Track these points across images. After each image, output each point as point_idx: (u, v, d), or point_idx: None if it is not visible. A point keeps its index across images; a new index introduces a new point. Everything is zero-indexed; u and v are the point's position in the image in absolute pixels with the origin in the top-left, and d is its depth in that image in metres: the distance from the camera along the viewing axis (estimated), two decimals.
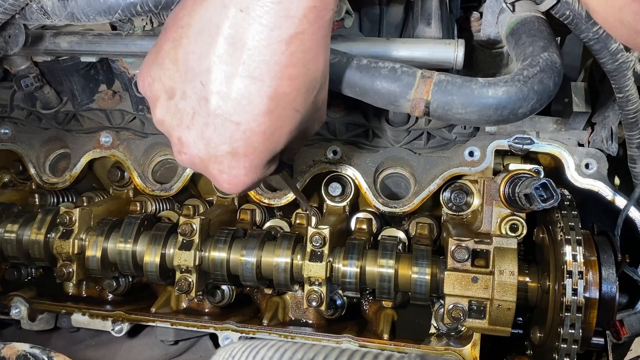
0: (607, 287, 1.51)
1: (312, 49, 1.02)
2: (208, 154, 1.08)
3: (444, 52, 1.45)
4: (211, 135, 1.05)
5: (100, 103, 1.87)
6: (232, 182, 1.13)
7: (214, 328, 1.77)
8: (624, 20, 1.14)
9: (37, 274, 2.15)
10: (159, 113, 1.11)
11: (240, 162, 1.08)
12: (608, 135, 1.68)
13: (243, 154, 1.07)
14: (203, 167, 1.13)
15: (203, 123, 1.05)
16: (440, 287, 1.58)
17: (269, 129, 1.05)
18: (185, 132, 1.08)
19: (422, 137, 1.74)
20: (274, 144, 1.08)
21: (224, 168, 1.09)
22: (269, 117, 1.03)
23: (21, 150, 2.03)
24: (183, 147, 1.10)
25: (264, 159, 1.10)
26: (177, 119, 1.08)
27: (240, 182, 1.13)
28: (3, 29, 1.48)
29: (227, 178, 1.12)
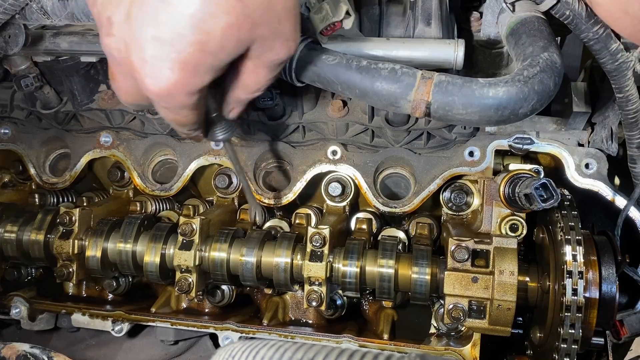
0: (607, 287, 1.51)
1: None
2: (132, 36, 0.95)
3: (444, 52, 1.45)
4: (137, 14, 0.93)
5: (100, 103, 1.87)
6: (155, 76, 0.97)
7: (214, 328, 1.77)
8: (629, 11, 1.13)
9: (37, 274, 2.15)
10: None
11: (166, 51, 0.94)
12: (608, 135, 1.68)
13: (169, 40, 0.93)
14: (127, 55, 0.98)
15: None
16: (440, 287, 1.58)
17: (199, 12, 0.91)
18: (114, 10, 0.97)
19: (422, 137, 1.74)
20: (205, 34, 0.93)
21: (147, 56, 0.95)
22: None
23: (21, 150, 2.03)
24: (111, 27, 0.98)
25: (195, 55, 0.95)
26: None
27: (164, 77, 0.96)
28: (3, 29, 1.48)
29: (149, 70, 0.96)
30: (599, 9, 1.25)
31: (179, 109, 1.07)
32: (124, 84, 1.08)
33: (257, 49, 1.04)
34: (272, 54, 1.06)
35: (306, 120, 1.75)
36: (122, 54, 0.98)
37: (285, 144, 1.84)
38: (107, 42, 1.00)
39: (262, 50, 1.04)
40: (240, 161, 1.85)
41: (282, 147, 1.84)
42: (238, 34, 0.96)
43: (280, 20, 1.02)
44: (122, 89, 1.11)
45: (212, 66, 0.99)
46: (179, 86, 0.99)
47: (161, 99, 1.02)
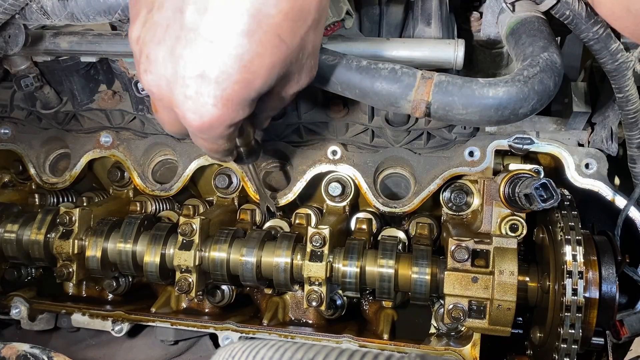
0: (607, 287, 1.51)
1: None
2: (175, 74, 0.96)
3: (444, 52, 1.45)
4: (181, 52, 0.94)
5: (100, 103, 1.87)
6: (198, 112, 0.99)
7: (214, 328, 1.77)
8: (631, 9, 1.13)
9: (37, 274, 2.15)
10: (136, 29, 1.01)
11: (211, 89, 0.96)
12: (608, 135, 1.68)
13: (214, 79, 0.95)
14: (168, 92, 1.00)
15: (175, 37, 0.95)
16: (440, 287, 1.58)
17: (247, 54, 0.93)
18: (155, 47, 0.97)
19: (422, 137, 1.74)
20: (251, 74, 0.96)
21: (191, 93, 0.97)
22: (248, 38, 0.92)
23: (21, 150, 2.03)
24: (150, 64, 0.99)
25: (239, 92, 0.98)
26: (151, 33, 0.98)
27: (207, 112, 0.99)
28: (3, 29, 1.48)
29: (192, 106, 0.98)
30: (601, 7, 1.25)
31: (216, 139, 1.11)
32: (166, 116, 1.11)
33: (286, 82, 1.09)
34: (298, 85, 1.12)
35: (306, 120, 1.75)
36: (162, 90, 1.00)
37: (285, 144, 1.84)
38: (145, 79, 1.02)
39: (290, 83, 1.10)
40: None
41: (282, 147, 1.84)
42: (278, 71, 1.00)
43: (309, 57, 1.08)
44: (164, 120, 1.14)
45: (252, 101, 1.02)
46: (220, 121, 1.01)
47: (201, 132, 1.05)
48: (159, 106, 1.10)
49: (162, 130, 1.91)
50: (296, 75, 1.09)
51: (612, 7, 1.18)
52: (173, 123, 1.11)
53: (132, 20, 1.03)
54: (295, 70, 1.06)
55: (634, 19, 1.14)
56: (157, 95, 1.03)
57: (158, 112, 1.13)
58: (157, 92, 1.02)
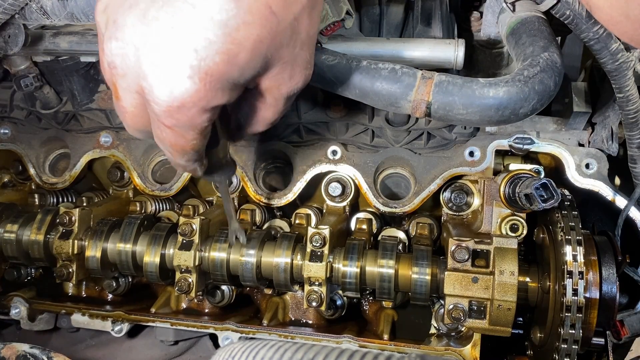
0: (608, 287, 1.51)
1: None
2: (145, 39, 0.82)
3: (444, 52, 1.45)
4: (156, 15, 0.82)
5: (100, 103, 1.87)
6: (169, 84, 0.83)
7: (213, 328, 1.77)
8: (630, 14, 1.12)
9: (37, 274, 2.14)
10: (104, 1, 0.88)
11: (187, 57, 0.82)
12: (608, 135, 1.68)
13: (192, 46, 0.81)
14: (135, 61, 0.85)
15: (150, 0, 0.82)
16: (441, 287, 1.58)
17: (233, 20, 0.81)
18: (125, 12, 0.84)
19: (422, 137, 1.73)
20: (236, 45, 0.83)
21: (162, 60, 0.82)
22: (235, 3, 0.81)
23: (21, 150, 2.03)
24: (117, 30, 0.84)
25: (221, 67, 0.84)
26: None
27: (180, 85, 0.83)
28: (3, 29, 1.48)
29: (162, 76, 0.83)
30: (599, 12, 1.25)
31: (186, 129, 0.93)
32: (129, 101, 0.93)
33: (277, 76, 0.97)
34: (291, 82, 1.00)
35: (306, 120, 1.75)
36: (128, 60, 0.85)
37: (285, 144, 1.84)
38: (110, 47, 0.86)
39: (282, 79, 0.98)
40: (240, 161, 1.85)
41: (282, 147, 1.84)
42: (266, 50, 0.88)
43: (302, 46, 0.97)
44: (126, 110, 0.96)
45: (234, 82, 0.89)
46: (195, 98, 0.86)
47: (170, 113, 0.88)
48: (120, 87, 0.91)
49: None
50: (289, 67, 0.97)
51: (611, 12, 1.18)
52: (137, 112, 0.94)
53: None
54: (287, 58, 0.95)
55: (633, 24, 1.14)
56: (121, 68, 0.87)
57: (119, 98, 0.94)
58: (122, 63, 0.86)
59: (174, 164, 1.10)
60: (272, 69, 0.95)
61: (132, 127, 1.01)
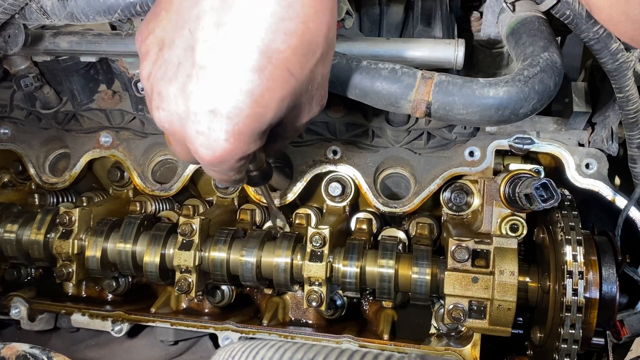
0: (608, 287, 1.51)
1: (313, 5, 0.94)
2: (187, 110, 0.98)
3: (444, 52, 1.45)
4: (193, 89, 0.96)
5: (100, 103, 1.87)
6: (211, 147, 0.99)
7: (213, 328, 1.77)
8: (630, 14, 1.12)
9: (37, 274, 2.15)
10: (147, 67, 1.03)
11: (222, 124, 0.97)
12: (608, 135, 1.68)
13: (226, 114, 0.96)
14: (180, 128, 1.01)
15: (186, 75, 0.96)
16: (441, 287, 1.58)
17: (258, 88, 0.95)
18: (166, 85, 0.99)
19: (422, 137, 1.73)
20: (262, 108, 0.97)
21: (203, 129, 0.98)
22: (258, 74, 0.93)
23: (21, 150, 2.03)
24: (162, 102, 1.01)
25: (250, 125, 0.98)
26: (162, 71, 1.00)
27: (220, 147, 0.99)
28: (3, 29, 1.48)
29: (204, 141, 0.99)
30: (599, 12, 1.25)
31: (228, 172, 1.12)
32: (179, 149, 1.12)
33: (297, 113, 1.10)
34: (310, 114, 1.13)
35: None
36: (174, 126, 1.02)
37: None
38: (158, 116, 1.03)
39: (302, 113, 1.11)
40: None
41: None
42: (288, 103, 1.01)
43: (319, 88, 1.09)
44: (177, 152, 1.16)
45: (263, 133, 1.03)
46: (232, 154, 1.02)
47: (213, 165, 1.06)
48: (171, 140, 1.12)
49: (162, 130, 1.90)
50: (307, 105, 1.11)
51: (611, 12, 1.18)
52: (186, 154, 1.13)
53: (143, 57, 1.04)
54: (305, 101, 1.08)
55: (633, 24, 1.14)
56: (170, 131, 1.05)
57: (171, 145, 1.15)
58: (170, 128, 1.03)
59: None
60: (292, 111, 1.08)
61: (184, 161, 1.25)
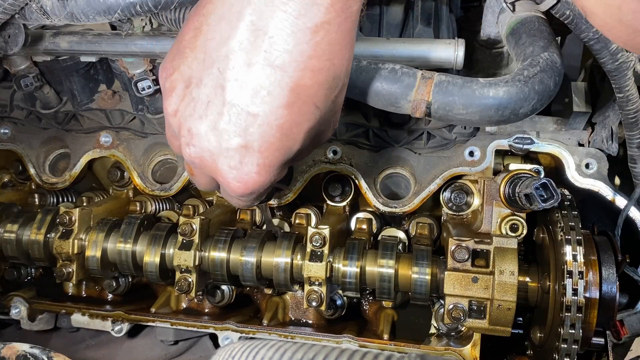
0: (608, 287, 1.51)
1: (338, 42, 0.97)
2: (219, 147, 1.00)
3: (444, 52, 1.45)
4: (225, 127, 0.98)
5: (100, 103, 1.87)
6: (243, 180, 1.03)
7: (213, 328, 1.77)
8: (623, 19, 1.13)
9: (37, 274, 2.15)
10: (173, 103, 1.05)
11: (254, 158, 1.00)
12: (608, 135, 1.68)
13: (257, 149, 0.99)
14: (212, 163, 1.03)
15: (217, 113, 0.98)
16: (441, 287, 1.58)
17: (288, 123, 0.98)
18: (196, 122, 1.01)
19: (422, 137, 1.74)
20: (291, 141, 1.02)
21: (235, 163, 1.01)
22: (288, 110, 0.97)
23: (21, 150, 2.03)
24: (193, 138, 1.02)
25: (279, 158, 1.03)
26: (191, 108, 1.01)
27: (252, 180, 1.03)
28: (3, 29, 1.48)
29: (237, 175, 1.03)
30: (593, 17, 1.25)
31: (253, 200, 1.15)
32: (204, 180, 1.16)
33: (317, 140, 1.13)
34: (325, 138, 1.17)
35: None
36: (205, 162, 1.04)
37: None
38: (188, 152, 1.05)
39: (320, 139, 1.15)
40: None
41: None
42: (313, 134, 1.06)
43: (335, 114, 1.12)
44: (200, 183, 1.19)
45: (290, 162, 1.07)
46: (262, 185, 1.05)
47: (242, 197, 1.10)
48: (197, 172, 1.14)
49: (162, 130, 1.91)
50: (325, 132, 1.14)
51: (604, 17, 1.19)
52: (209, 184, 1.17)
53: (168, 93, 1.06)
54: (325, 128, 1.12)
55: (626, 30, 1.14)
56: (200, 166, 1.06)
57: (195, 176, 1.17)
58: (200, 163, 1.05)
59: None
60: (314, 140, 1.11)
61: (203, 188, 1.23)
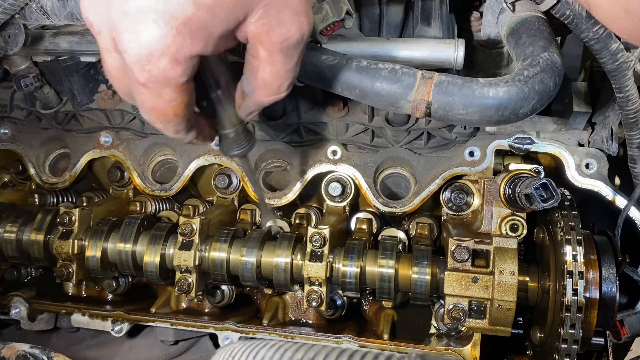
0: (608, 287, 1.51)
1: None
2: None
3: (444, 52, 1.45)
4: None
5: (100, 103, 1.87)
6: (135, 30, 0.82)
7: (213, 328, 1.77)
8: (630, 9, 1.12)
9: (37, 274, 2.15)
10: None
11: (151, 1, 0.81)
12: (608, 135, 1.68)
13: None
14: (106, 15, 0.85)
15: None
16: (441, 287, 1.58)
17: None
18: None
19: (422, 137, 1.74)
20: None
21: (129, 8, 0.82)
22: None
23: (21, 150, 2.03)
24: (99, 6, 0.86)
25: (185, 8, 0.82)
26: None
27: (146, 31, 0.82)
28: (3, 29, 1.48)
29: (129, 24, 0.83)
30: (598, 10, 1.24)
31: (161, 86, 0.89)
32: (110, 62, 0.93)
33: (261, 21, 0.91)
34: (282, 29, 0.93)
35: (306, 120, 1.75)
36: (100, 14, 0.86)
37: (285, 144, 1.84)
38: (84, 9, 0.87)
39: (269, 24, 0.92)
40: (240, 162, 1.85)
41: (282, 147, 1.84)
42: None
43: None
44: (110, 72, 0.96)
45: (205, 29, 0.85)
46: (162, 45, 0.83)
47: (141, 65, 0.85)
48: (102, 48, 0.92)
49: None
50: (274, 9, 0.91)
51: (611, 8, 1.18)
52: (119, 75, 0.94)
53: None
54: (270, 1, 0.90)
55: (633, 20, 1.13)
56: (96, 24, 0.88)
57: (104, 62, 0.95)
58: (95, 18, 0.87)
59: (169, 136, 1.05)
60: (253, 12, 0.90)
61: (120, 91, 1.00)
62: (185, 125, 1.02)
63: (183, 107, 0.95)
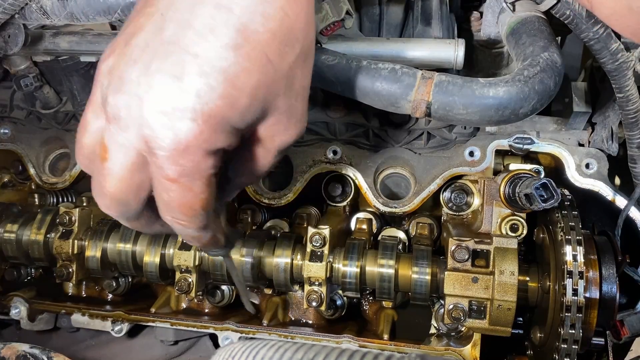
0: (608, 287, 1.51)
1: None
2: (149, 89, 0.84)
3: (444, 52, 1.45)
4: (159, 67, 0.84)
5: None
6: (173, 127, 0.84)
7: (213, 328, 1.77)
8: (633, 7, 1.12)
9: (37, 274, 2.15)
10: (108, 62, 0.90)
11: (189, 102, 0.83)
12: (608, 135, 1.68)
13: (195, 92, 0.83)
14: (138, 112, 0.85)
15: (152, 53, 0.84)
16: (441, 287, 1.58)
17: (232, 67, 0.84)
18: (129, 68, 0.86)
19: (422, 137, 1.73)
20: (236, 90, 0.86)
21: (167, 108, 0.84)
22: (233, 52, 0.84)
23: (21, 150, 2.03)
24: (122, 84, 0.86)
25: (221, 108, 0.85)
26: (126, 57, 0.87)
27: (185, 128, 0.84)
28: (3, 29, 1.48)
29: (167, 121, 0.84)
30: (601, 8, 1.24)
31: (193, 179, 0.90)
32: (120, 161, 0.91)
33: (273, 127, 0.98)
34: (285, 135, 1.00)
35: None
36: (132, 111, 0.85)
37: None
38: (114, 101, 0.86)
39: (277, 129, 0.99)
40: None
41: None
42: (264, 96, 0.91)
43: (297, 98, 0.98)
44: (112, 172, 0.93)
45: (235, 126, 0.90)
46: (199, 140, 0.85)
47: (175, 159, 0.87)
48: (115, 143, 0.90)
49: None
50: (285, 118, 0.98)
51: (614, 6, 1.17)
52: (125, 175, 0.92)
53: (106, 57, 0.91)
54: (283, 108, 0.96)
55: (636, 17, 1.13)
56: (124, 121, 0.87)
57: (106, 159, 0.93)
58: (126, 114, 0.86)
59: (189, 239, 1.05)
60: (269, 118, 0.96)
61: (115, 193, 0.95)
62: (209, 223, 1.02)
63: (210, 200, 0.96)
